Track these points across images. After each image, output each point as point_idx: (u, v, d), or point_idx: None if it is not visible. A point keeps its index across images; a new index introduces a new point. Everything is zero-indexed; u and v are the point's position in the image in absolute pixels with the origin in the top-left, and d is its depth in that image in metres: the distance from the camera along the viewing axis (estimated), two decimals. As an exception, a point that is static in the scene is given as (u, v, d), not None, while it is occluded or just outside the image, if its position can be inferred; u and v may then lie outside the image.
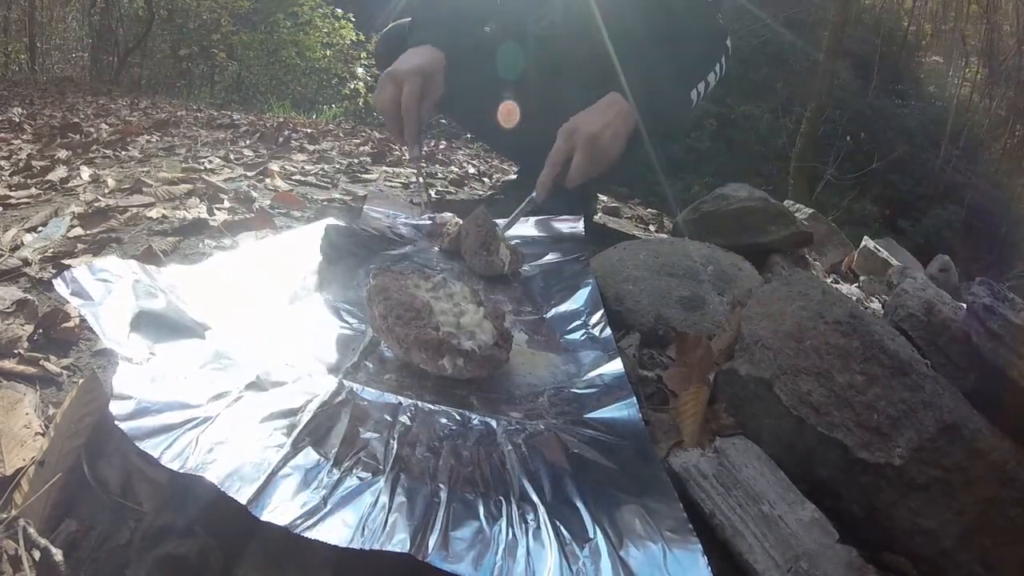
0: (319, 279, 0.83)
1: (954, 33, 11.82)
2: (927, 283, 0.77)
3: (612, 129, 1.02)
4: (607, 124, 1.03)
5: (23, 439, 0.51)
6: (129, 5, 8.01)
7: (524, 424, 0.58)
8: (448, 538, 0.42)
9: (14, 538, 0.41)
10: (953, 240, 7.55)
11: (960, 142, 9.27)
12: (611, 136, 1.02)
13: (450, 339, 0.61)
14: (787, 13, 9.10)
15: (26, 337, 0.65)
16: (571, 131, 1.03)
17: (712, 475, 0.54)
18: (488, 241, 0.94)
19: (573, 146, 1.02)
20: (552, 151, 1.04)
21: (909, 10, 11.18)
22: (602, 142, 1.02)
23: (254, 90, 6.73)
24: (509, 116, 1.24)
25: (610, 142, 1.02)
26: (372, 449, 0.50)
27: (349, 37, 6.74)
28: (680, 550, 0.43)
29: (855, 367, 0.58)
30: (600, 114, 1.04)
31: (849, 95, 8.60)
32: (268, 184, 1.45)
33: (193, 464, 0.43)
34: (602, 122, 1.03)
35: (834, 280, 1.35)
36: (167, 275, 0.66)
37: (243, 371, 0.56)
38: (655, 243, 1.04)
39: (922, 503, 0.52)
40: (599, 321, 0.78)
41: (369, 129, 3.70)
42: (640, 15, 1.13)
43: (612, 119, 1.03)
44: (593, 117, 1.04)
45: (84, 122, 2.61)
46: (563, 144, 1.03)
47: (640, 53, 1.09)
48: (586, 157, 1.01)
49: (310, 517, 0.41)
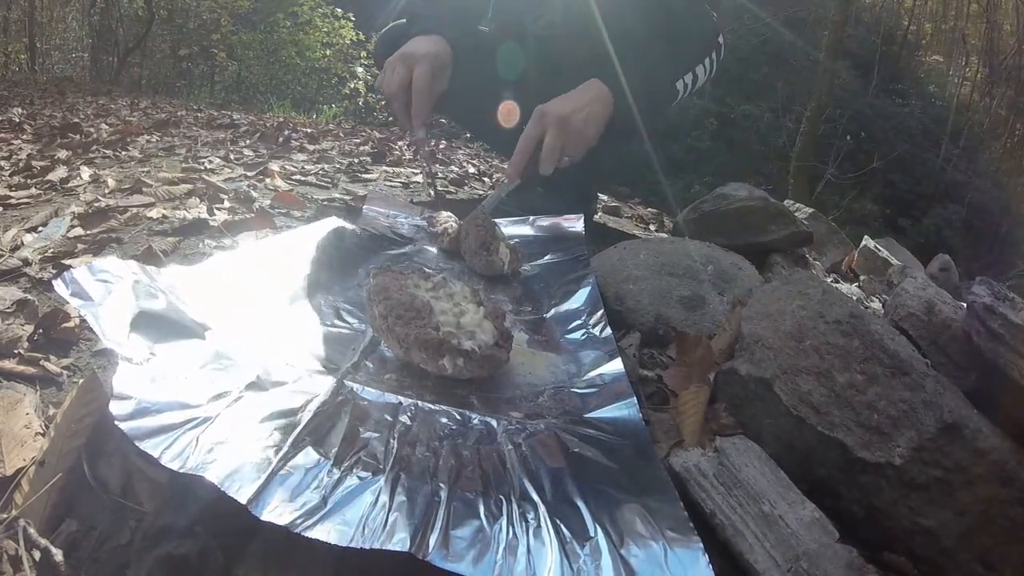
0: (319, 279, 0.83)
1: (954, 32, 11.82)
2: (927, 282, 0.77)
3: (585, 112, 1.02)
4: (579, 107, 1.02)
5: (23, 439, 0.51)
6: (129, 5, 8.01)
7: (524, 423, 0.58)
8: (448, 537, 0.42)
9: (14, 538, 0.42)
10: (953, 239, 7.56)
11: (960, 141, 9.27)
12: (584, 118, 1.02)
13: (450, 339, 0.61)
14: (787, 12, 9.10)
15: (26, 337, 0.65)
16: (542, 113, 1.02)
17: (712, 475, 0.54)
18: (488, 241, 0.94)
19: (544, 128, 1.02)
20: (523, 134, 1.03)
21: (909, 9, 11.18)
22: (573, 123, 1.01)
23: (254, 90, 6.73)
24: (509, 116, 1.24)
25: (583, 124, 1.02)
26: (372, 449, 0.50)
27: (349, 37, 6.74)
28: (681, 549, 0.43)
29: (855, 367, 0.58)
30: (573, 98, 1.04)
31: (849, 94, 8.60)
32: (268, 184, 1.45)
33: (193, 464, 0.43)
34: (573, 105, 1.03)
35: (834, 280, 1.35)
36: (167, 275, 0.66)
37: (243, 371, 0.56)
38: (655, 243, 1.04)
39: (922, 503, 0.52)
40: (599, 321, 0.78)
41: (369, 129, 3.70)
42: (640, 14, 1.13)
43: (586, 102, 1.03)
44: (565, 100, 1.04)
45: (84, 122, 2.61)
46: (533, 127, 1.02)
47: (639, 51, 1.09)
48: (556, 138, 1.01)
49: (310, 516, 0.41)
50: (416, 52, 1.11)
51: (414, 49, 1.11)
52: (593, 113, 1.03)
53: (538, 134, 1.02)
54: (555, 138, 1.01)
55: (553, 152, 1.02)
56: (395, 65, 1.11)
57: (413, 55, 1.10)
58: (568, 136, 1.02)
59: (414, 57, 1.10)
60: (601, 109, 1.04)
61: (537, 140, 1.03)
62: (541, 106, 1.04)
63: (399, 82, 1.10)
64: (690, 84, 1.15)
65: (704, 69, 1.17)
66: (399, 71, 1.10)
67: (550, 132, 1.01)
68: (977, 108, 10.69)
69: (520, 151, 1.04)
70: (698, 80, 1.16)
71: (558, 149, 1.02)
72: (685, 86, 1.14)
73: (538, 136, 1.03)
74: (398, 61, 1.11)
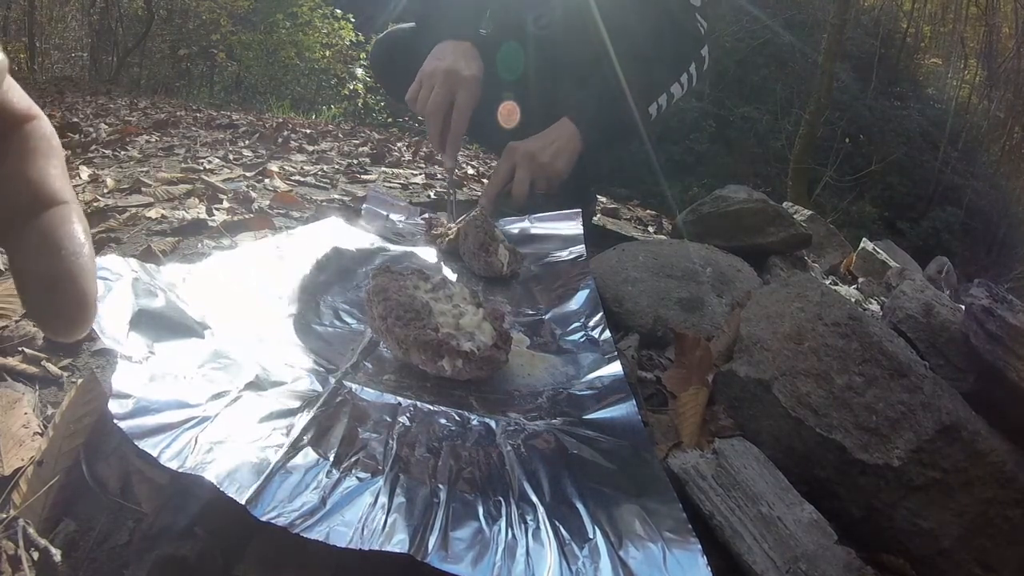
0: (319, 279, 0.83)
1: (953, 35, 11.85)
2: (926, 285, 0.77)
3: (554, 147, 1.13)
4: (547, 144, 1.13)
5: (21, 439, 0.51)
6: (129, 5, 8.02)
7: (523, 425, 0.58)
8: (447, 538, 0.42)
9: (13, 538, 0.41)
10: (952, 242, 7.58)
11: (959, 144, 9.29)
12: (553, 152, 1.12)
13: (449, 340, 0.61)
14: (786, 15, 9.11)
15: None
16: (511, 150, 1.14)
17: (711, 476, 0.54)
18: (487, 242, 0.94)
19: (513, 163, 1.12)
20: (496, 167, 1.15)
21: (908, 12, 11.20)
22: (541, 158, 1.11)
23: (253, 90, 6.73)
24: (509, 116, 1.25)
25: (552, 158, 1.12)
26: (371, 449, 0.50)
27: (348, 38, 6.75)
28: (680, 550, 0.43)
29: (854, 368, 0.58)
30: (543, 136, 1.14)
31: (848, 97, 8.62)
32: (267, 184, 1.45)
33: (192, 464, 0.43)
34: (542, 142, 1.13)
35: (833, 282, 1.36)
36: (167, 273, 0.66)
37: (242, 371, 0.55)
38: (654, 244, 1.04)
39: (921, 504, 0.52)
40: (598, 322, 0.78)
41: (368, 130, 3.70)
42: (637, 14, 1.14)
43: (554, 139, 1.13)
44: (535, 138, 1.14)
45: (83, 122, 2.61)
46: (505, 160, 1.14)
47: (636, 51, 1.10)
48: (525, 171, 1.11)
49: (309, 517, 0.41)
50: (461, 72, 1.07)
51: (458, 67, 1.07)
52: (560, 148, 1.13)
53: (508, 168, 1.13)
54: (524, 170, 1.11)
55: (522, 183, 1.12)
56: (438, 82, 1.07)
57: (458, 75, 1.07)
58: (535, 169, 1.12)
59: (459, 79, 1.06)
60: (569, 145, 1.13)
61: (508, 172, 1.13)
62: (512, 143, 1.14)
63: (439, 104, 1.07)
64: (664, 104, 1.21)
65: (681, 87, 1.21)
66: (440, 92, 1.07)
67: (520, 165, 1.12)
68: (976, 111, 10.72)
69: (493, 182, 1.15)
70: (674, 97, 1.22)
71: (526, 180, 1.12)
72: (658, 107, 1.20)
73: (509, 169, 1.13)
74: (442, 78, 1.07)
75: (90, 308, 0.22)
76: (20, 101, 0.23)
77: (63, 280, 0.22)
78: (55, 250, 0.22)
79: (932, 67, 12.05)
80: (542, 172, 1.12)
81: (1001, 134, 10.69)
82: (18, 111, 0.23)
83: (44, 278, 0.21)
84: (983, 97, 10.78)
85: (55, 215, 0.22)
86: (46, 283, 0.21)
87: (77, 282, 0.22)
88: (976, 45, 11.15)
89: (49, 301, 0.22)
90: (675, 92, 1.20)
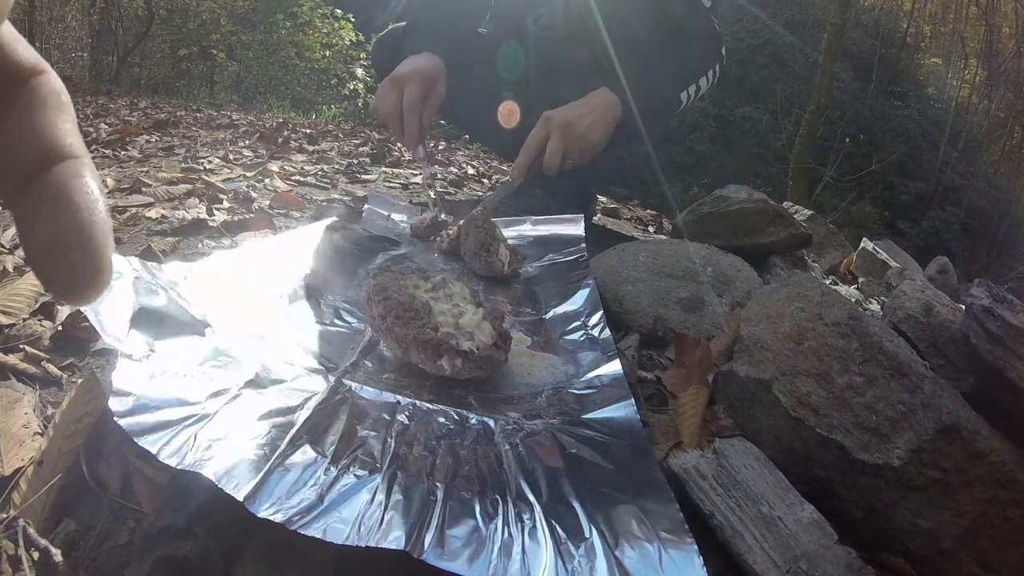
0: (319, 279, 0.83)
1: (953, 35, 11.85)
2: (926, 284, 0.77)
3: (591, 117, 1.06)
4: (585, 112, 1.07)
5: (22, 439, 0.51)
6: (129, 5, 8.02)
7: (522, 424, 0.58)
8: (444, 536, 0.42)
9: (13, 538, 0.41)
10: (952, 242, 7.58)
11: (959, 144, 9.29)
12: (590, 123, 1.06)
13: (449, 339, 0.61)
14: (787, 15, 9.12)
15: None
16: (547, 118, 1.07)
17: (711, 476, 0.54)
18: (487, 242, 0.94)
19: (548, 132, 1.06)
20: (529, 136, 1.08)
21: (908, 12, 11.19)
22: (577, 128, 1.05)
23: (253, 90, 6.73)
24: (509, 116, 1.25)
25: (588, 129, 1.06)
26: (369, 447, 0.50)
27: (348, 38, 6.74)
28: (675, 550, 0.43)
29: (854, 368, 0.58)
30: (579, 105, 1.08)
31: (848, 97, 8.62)
32: (267, 184, 1.45)
33: (191, 461, 0.43)
34: (579, 111, 1.07)
35: (833, 281, 1.35)
36: (168, 272, 0.66)
37: (242, 369, 0.56)
38: (654, 244, 1.04)
39: (921, 504, 0.52)
40: (598, 322, 0.78)
41: (368, 130, 3.70)
42: (638, 15, 1.14)
43: (592, 109, 1.07)
44: (571, 106, 1.08)
45: (83, 122, 2.61)
46: (539, 129, 1.08)
47: (638, 52, 1.10)
48: (559, 142, 1.05)
49: (307, 514, 0.41)
50: (403, 72, 1.13)
51: (402, 70, 1.13)
52: (599, 119, 1.07)
53: (542, 137, 1.07)
54: (558, 142, 1.05)
55: (555, 155, 1.06)
56: (386, 89, 1.13)
57: (401, 76, 1.12)
58: (570, 140, 1.06)
59: (402, 78, 1.12)
60: (607, 115, 1.07)
61: (541, 142, 1.07)
62: (548, 111, 1.08)
63: (391, 106, 1.12)
64: (693, 95, 1.18)
65: (707, 80, 1.19)
66: (390, 95, 1.12)
67: (553, 136, 1.06)
68: (976, 111, 10.72)
69: (525, 153, 1.08)
70: (701, 90, 1.19)
71: (560, 153, 1.06)
72: (688, 96, 1.17)
73: (543, 139, 1.07)
74: (388, 85, 1.13)
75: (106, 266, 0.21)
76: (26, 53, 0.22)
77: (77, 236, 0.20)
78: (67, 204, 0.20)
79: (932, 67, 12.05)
80: (577, 144, 1.07)
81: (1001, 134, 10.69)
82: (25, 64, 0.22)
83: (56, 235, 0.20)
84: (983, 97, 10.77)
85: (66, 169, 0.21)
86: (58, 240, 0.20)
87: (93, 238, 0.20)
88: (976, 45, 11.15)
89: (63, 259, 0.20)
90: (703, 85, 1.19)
